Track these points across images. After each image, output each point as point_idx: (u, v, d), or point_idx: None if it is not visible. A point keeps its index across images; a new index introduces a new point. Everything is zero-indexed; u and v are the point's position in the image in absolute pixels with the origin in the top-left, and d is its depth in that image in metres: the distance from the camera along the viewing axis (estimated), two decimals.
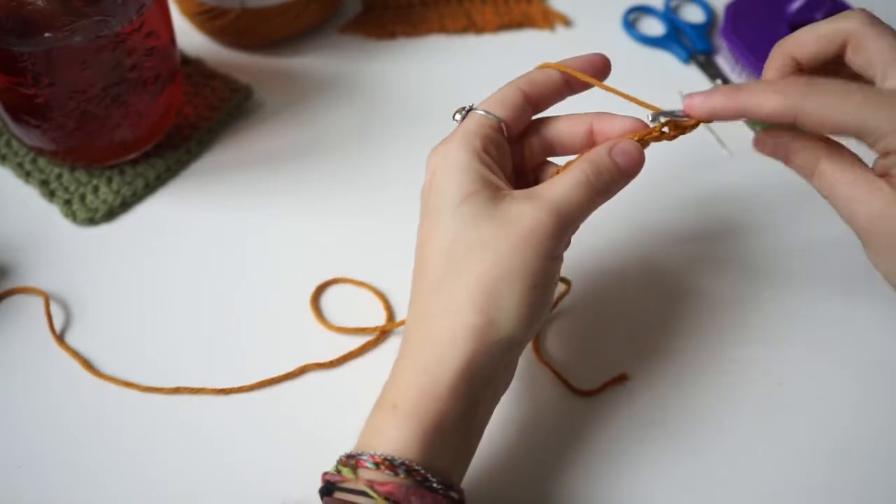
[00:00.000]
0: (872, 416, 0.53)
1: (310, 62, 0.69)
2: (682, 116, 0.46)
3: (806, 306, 0.57)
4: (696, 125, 0.46)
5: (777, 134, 0.46)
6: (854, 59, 0.45)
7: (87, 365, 0.53)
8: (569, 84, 0.48)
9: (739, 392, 0.53)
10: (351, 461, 0.41)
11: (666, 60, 0.71)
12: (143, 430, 0.51)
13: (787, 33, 0.68)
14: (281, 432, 0.51)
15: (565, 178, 0.45)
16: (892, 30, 0.44)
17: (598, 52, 0.48)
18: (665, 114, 0.46)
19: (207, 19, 0.67)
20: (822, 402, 0.53)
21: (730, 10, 0.71)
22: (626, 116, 0.47)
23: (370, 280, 0.57)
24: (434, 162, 0.46)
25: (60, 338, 0.54)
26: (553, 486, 0.50)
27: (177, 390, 0.52)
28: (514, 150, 0.48)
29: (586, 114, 0.48)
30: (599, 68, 0.48)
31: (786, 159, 0.46)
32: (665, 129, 0.46)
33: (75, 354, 0.53)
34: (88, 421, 0.51)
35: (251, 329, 0.55)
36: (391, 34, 0.72)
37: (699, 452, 0.51)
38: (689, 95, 0.45)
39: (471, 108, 0.47)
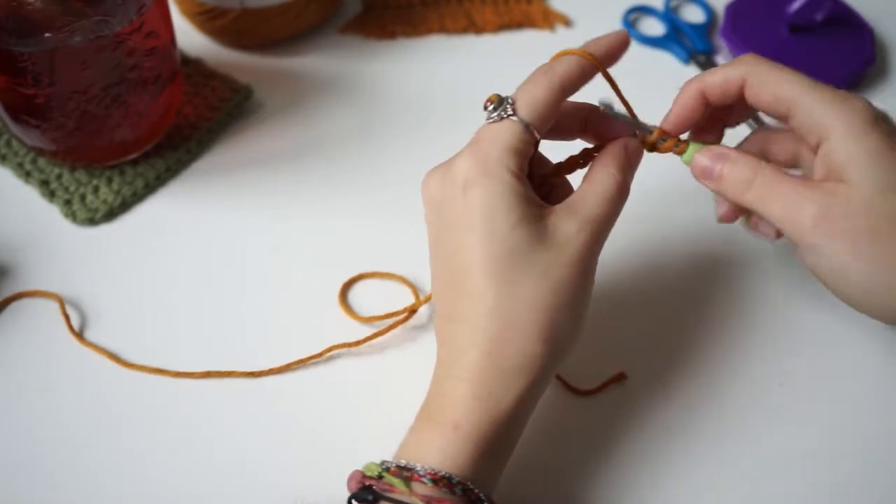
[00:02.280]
0: (873, 417, 0.53)
1: (310, 62, 0.69)
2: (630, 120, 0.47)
3: (806, 306, 0.57)
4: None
5: (714, 150, 0.47)
6: (757, 99, 0.46)
7: (115, 357, 0.53)
8: (594, 68, 0.47)
9: (739, 393, 0.53)
10: (404, 473, 0.41)
11: (666, 60, 0.71)
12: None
13: (787, 33, 0.69)
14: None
15: (597, 189, 0.45)
16: (786, 67, 0.46)
17: (614, 31, 0.48)
18: (607, 106, 0.47)
19: (207, 19, 0.67)
20: (822, 403, 0.53)
21: (730, 10, 0.71)
22: (618, 121, 0.48)
23: (377, 278, 0.57)
24: (472, 176, 0.44)
25: (80, 335, 0.54)
26: (553, 486, 0.50)
27: (207, 374, 0.53)
28: None
29: (582, 104, 0.48)
30: (622, 46, 0.47)
31: (721, 174, 0.46)
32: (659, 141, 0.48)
33: (100, 349, 0.54)
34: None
35: (254, 325, 0.55)
36: (391, 34, 0.72)
37: (699, 453, 0.51)
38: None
39: (512, 111, 0.44)
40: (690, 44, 0.72)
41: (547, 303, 0.43)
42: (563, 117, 0.48)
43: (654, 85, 0.53)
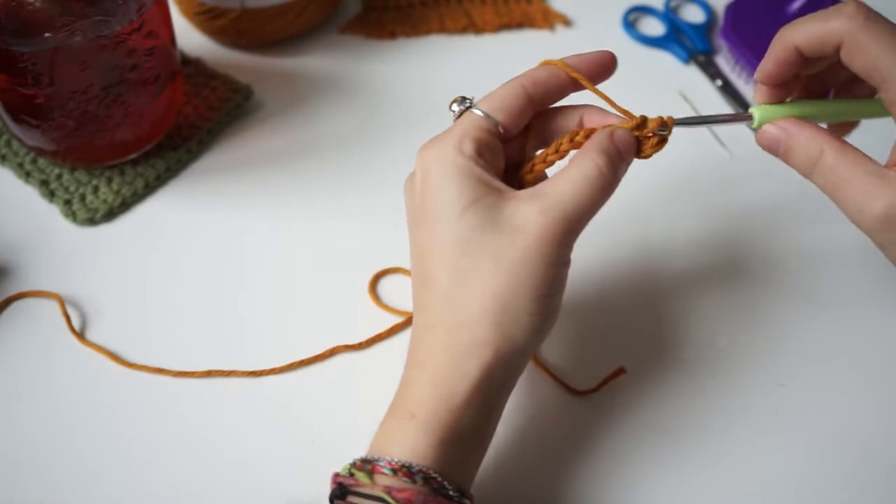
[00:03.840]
0: (873, 417, 0.52)
1: (310, 62, 0.69)
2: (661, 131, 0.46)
3: (807, 307, 0.57)
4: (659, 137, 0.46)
5: (782, 123, 0.45)
6: (851, 63, 0.43)
7: (115, 357, 0.53)
8: (574, 82, 0.47)
9: (740, 393, 0.53)
10: (367, 466, 0.41)
11: (666, 60, 0.71)
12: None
13: None
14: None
15: (572, 174, 0.43)
16: (889, 24, 0.42)
17: (605, 49, 0.47)
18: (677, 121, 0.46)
19: (207, 19, 0.67)
20: (822, 404, 0.53)
21: (730, 10, 0.71)
22: (615, 115, 0.46)
23: (382, 280, 0.57)
24: (427, 163, 0.44)
25: (81, 335, 0.54)
26: (553, 486, 0.50)
27: (208, 373, 0.53)
28: (507, 148, 0.47)
29: (576, 106, 0.47)
30: (606, 66, 0.47)
31: (786, 154, 0.45)
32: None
33: (100, 349, 0.54)
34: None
35: (254, 325, 0.55)
36: (391, 34, 0.72)
37: (699, 453, 0.51)
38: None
39: (470, 105, 0.46)
40: (690, 44, 0.72)
41: (498, 288, 0.42)
42: (558, 118, 0.47)
43: (654, 85, 0.53)
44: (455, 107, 0.46)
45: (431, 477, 0.41)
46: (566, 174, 0.44)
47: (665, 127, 0.45)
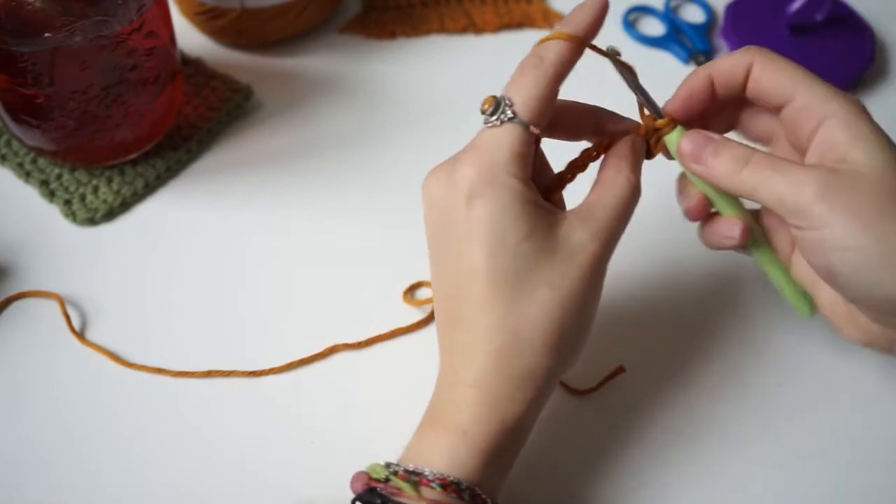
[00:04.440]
0: (873, 417, 0.52)
1: (310, 62, 0.69)
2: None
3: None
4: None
5: (702, 132, 0.46)
6: (760, 84, 0.45)
7: (115, 357, 0.53)
8: (580, 45, 0.45)
9: (739, 393, 0.53)
10: (413, 477, 0.41)
11: (666, 60, 0.71)
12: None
13: (787, 33, 0.69)
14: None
15: (611, 191, 0.45)
16: (784, 59, 0.45)
17: (590, 1, 0.46)
18: (613, 50, 0.46)
19: (207, 19, 0.67)
20: (821, 404, 0.53)
21: (730, 10, 0.71)
22: (629, 119, 0.48)
23: (376, 279, 0.57)
24: (476, 184, 0.42)
25: (81, 335, 0.54)
26: (553, 486, 0.50)
27: (208, 373, 0.53)
28: None
29: (590, 106, 0.48)
30: (602, 14, 0.46)
31: (713, 155, 0.45)
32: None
33: (101, 349, 0.54)
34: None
35: (255, 325, 0.55)
36: (391, 34, 0.72)
37: (698, 453, 0.51)
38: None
39: (513, 115, 0.43)
40: (690, 44, 0.72)
41: (556, 315, 0.43)
42: (573, 118, 0.48)
43: (654, 85, 0.53)
44: (489, 111, 0.44)
45: (477, 494, 0.41)
46: (605, 193, 0.45)
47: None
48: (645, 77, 0.48)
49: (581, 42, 0.45)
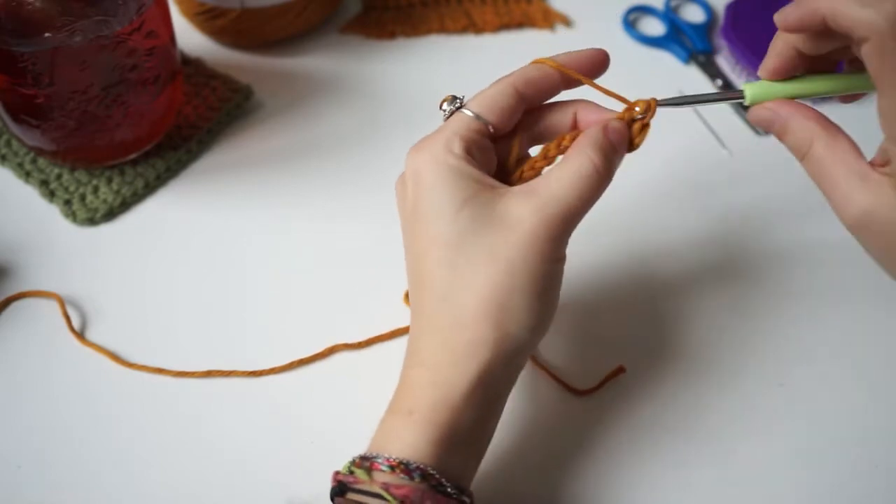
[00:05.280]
0: (873, 417, 0.52)
1: (310, 62, 0.69)
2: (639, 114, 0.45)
3: (807, 306, 0.57)
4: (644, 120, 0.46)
5: (775, 106, 0.44)
6: (837, 27, 0.40)
7: (115, 357, 0.53)
8: (565, 80, 0.46)
9: (740, 392, 0.53)
10: (365, 463, 0.41)
11: (666, 60, 0.71)
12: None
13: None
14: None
15: (567, 170, 0.43)
16: None
17: (597, 47, 0.47)
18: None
19: (207, 19, 0.67)
20: (822, 403, 0.53)
21: (730, 10, 0.71)
22: (608, 109, 0.46)
23: (377, 279, 0.57)
24: (418, 164, 0.45)
25: (81, 335, 0.54)
26: (553, 486, 0.50)
27: (208, 373, 0.53)
28: (498, 147, 0.47)
29: (570, 102, 0.47)
30: (599, 64, 0.47)
31: (780, 134, 0.44)
32: (640, 115, 0.45)
33: (100, 349, 0.54)
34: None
35: (255, 324, 0.55)
36: (391, 34, 0.72)
37: (700, 452, 0.51)
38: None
39: (461, 105, 0.46)
40: (690, 44, 0.72)
41: (495, 286, 0.42)
42: (554, 121, 0.47)
43: (654, 85, 0.53)
44: (446, 106, 0.46)
45: (429, 474, 0.41)
46: (561, 170, 0.44)
47: (649, 109, 0.45)
48: (645, 77, 0.48)
49: (561, 76, 0.46)
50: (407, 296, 0.56)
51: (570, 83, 0.47)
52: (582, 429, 0.52)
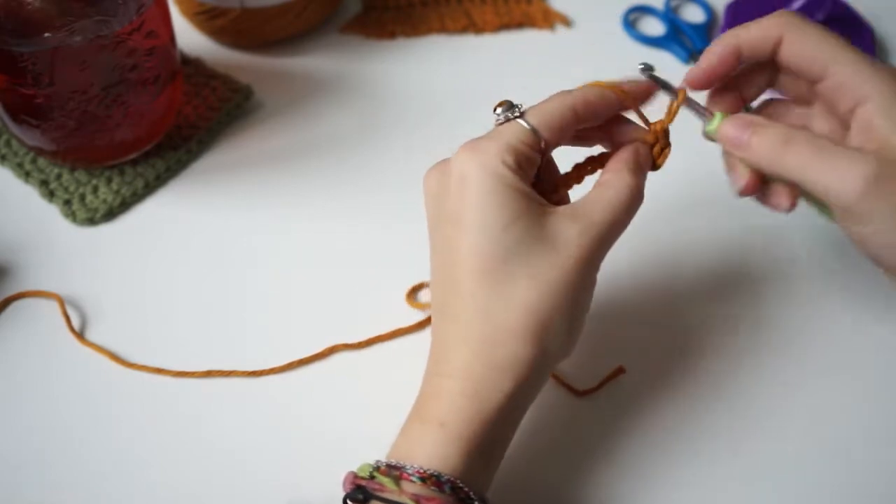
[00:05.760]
0: (875, 418, 0.52)
1: (310, 62, 0.69)
2: (670, 89, 0.46)
3: (809, 308, 0.57)
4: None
5: (744, 116, 0.45)
6: (791, 56, 0.44)
7: (115, 357, 0.53)
8: (621, 106, 0.46)
9: (741, 393, 0.53)
10: (393, 472, 0.41)
11: (666, 60, 0.71)
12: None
13: None
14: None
15: (608, 194, 0.44)
16: (819, 25, 0.44)
17: (648, 80, 0.47)
18: (647, 66, 0.46)
19: (207, 19, 0.67)
20: (825, 404, 0.53)
21: (730, 10, 0.71)
22: (639, 125, 0.47)
23: (376, 279, 0.57)
24: (468, 167, 0.43)
25: (81, 335, 0.54)
26: (553, 485, 0.50)
27: (208, 373, 0.53)
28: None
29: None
30: (649, 94, 0.47)
31: (754, 137, 0.44)
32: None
33: (100, 349, 0.54)
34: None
35: (254, 325, 0.55)
36: (391, 34, 0.72)
37: (701, 453, 0.51)
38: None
39: (520, 114, 0.45)
40: (690, 44, 0.72)
41: (539, 305, 0.42)
42: (586, 129, 0.47)
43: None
44: (500, 111, 0.45)
45: (459, 487, 0.41)
46: (602, 194, 0.44)
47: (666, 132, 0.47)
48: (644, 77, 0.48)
49: (618, 96, 0.46)
50: (409, 295, 0.56)
51: (625, 107, 0.47)
52: (581, 429, 0.52)
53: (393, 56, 0.70)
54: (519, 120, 0.44)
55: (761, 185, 0.46)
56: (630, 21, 0.73)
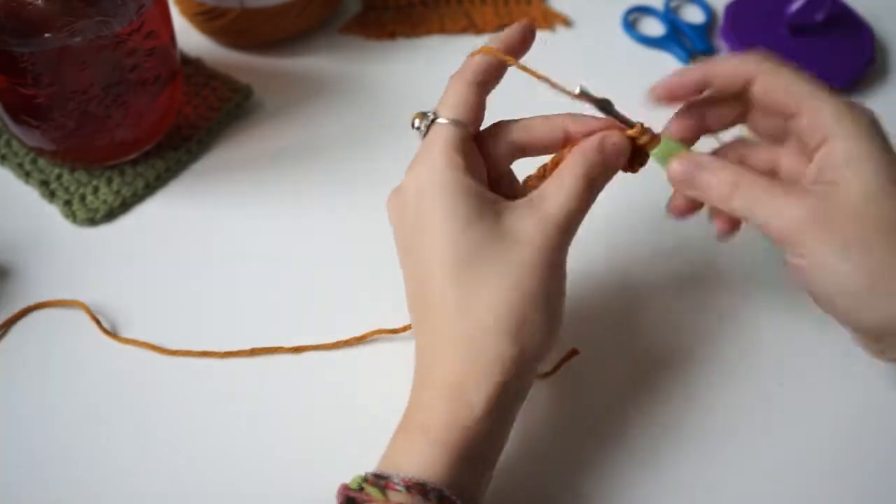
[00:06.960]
0: (873, 417, 0.53)
1: (310, 62, 0.69)
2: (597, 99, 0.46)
3: (807, 307, 0.57)
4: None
5: (691, 157, 0.46)
6: (765, 95, 0.45)
7: (156, 347, 0.54)
8: (503, 62, 0.47)
9: (739, 392, 0.53)
10: (380, 482, 0.41)
11: (666, 61, 0.71)
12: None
13: (786, 33, 0.69)
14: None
15: (564, 184, 0.45)
16: (793, 68, 0.46)
17: (523, 22, 0.49)
18: (586, 95, 0.46)
19: (207, 19, 0.67)
20: (822, 403, 0.53)
21: (730, 10, 0.71)
22: (600, 118, 0.47)
23: (377, 279, 0.57)
24: (420, 183, 0.44)
25: (115, 334, 0.54)
26: (553, 485, 0.50)
27: (253, 352, 0.53)
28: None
29: (558, 116, 0.48)
30: (526, 39, 0.48)
31: (703, 183, 0.45)
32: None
33: (141, 343, 0.54)
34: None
35: (252, 324, 0.55)
36: (391, 34, 0.72)
37: (699, 452, 0.51)
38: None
39: (434, 118, 0.46)
40: (690, 44, 0.72)
41: (511, 303, 0.42)
42: (542, 133, 0.47)
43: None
44: (418, 122, 0.47)
45: (445, 496, 0.40)
46: (558, 182, 0.45)
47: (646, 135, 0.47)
48: (645, 78, 0.48)
49: (500, 61, 0.47)
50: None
51: (509, 62, 0.47)
52: (581, 429, 0.52)
53: (393, 56, 0.70)
54: (438, 120, 0.46)
55: (698, 207, 0.48)
56: (630, 22, 0.73)
